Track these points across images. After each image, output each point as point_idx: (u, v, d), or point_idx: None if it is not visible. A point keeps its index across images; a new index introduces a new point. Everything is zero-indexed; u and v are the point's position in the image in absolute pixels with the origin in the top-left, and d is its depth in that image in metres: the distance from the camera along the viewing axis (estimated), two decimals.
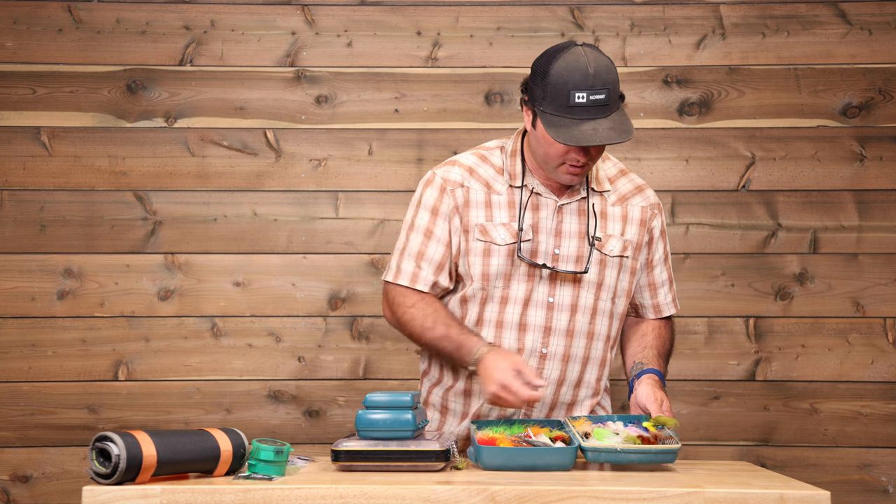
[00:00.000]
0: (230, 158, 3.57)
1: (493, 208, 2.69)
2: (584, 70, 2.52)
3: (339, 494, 2.15)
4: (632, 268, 2.75)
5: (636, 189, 2.78)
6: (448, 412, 2.77)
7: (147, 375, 3.53)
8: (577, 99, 2.52)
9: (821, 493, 2.17)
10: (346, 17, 3.59)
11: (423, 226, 2.71)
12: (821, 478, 3.49)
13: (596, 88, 2.52)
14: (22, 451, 3.52)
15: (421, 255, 2.70)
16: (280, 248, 3.56)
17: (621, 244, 2.71)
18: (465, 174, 2.72)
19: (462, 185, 2.71)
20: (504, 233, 2.67)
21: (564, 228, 2.68)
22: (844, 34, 3.58)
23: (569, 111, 2.53)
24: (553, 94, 2.54)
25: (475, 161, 2.74)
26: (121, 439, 2.15)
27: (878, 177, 3.56)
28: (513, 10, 3.59)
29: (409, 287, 2.70)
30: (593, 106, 2.52)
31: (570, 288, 2.67)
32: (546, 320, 2.67)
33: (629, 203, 2.75)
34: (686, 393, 3.54)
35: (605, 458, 2.42)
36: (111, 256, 3.54)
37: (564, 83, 2.52)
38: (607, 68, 2.55)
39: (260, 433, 3.47)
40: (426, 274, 2.69)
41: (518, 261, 2.66)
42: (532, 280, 2.67)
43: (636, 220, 2.75)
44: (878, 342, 3.54)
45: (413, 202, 2.76)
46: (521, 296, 2.67)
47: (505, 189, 2.70)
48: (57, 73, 3.56)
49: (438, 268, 2.70)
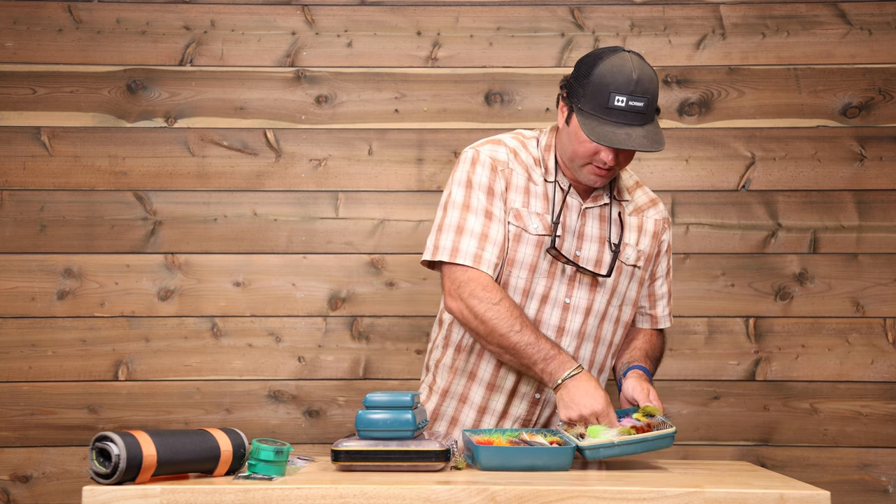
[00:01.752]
0: (230, 158, 3.57)
1: (531, 196, 2.67)
2: (629, 75, 2.53)
3: (339, 494, 2.15)
4: (641, 278, 2.77)
5: (651, 202, 2.82)
6: (466, 403, 2.75)
7: (147, 375, 3.53)
8: (616, 102, 2.52)
9: (821, 493, 2.17)
10: (346, 17, 3.59)
11: (481, 206, 2.62)
12: (821, 478, 3.49)
13: (637, 95, 2.53)
14: (22, 451, 3.52)
15: (484, 237, 2.61)
16: (280, 248, 3.56)
17: (636, 254, 2.74)
18: (511, 156, 2.69)
19: (508, 166, 2.68)
20: (537, 222, 2.66)
21: (587, 231, 2.69)
22: (844, 34, 3.58)
23: (606, 112, 2.53)
24: (593, 94, 2.54)
25: (517, 145, 2.72)
26: (121, 439, 2.15)
27: (878, 177, 3.56)
28: (513, 10, 3.59)
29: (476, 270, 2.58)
30: (631, 112, 2.53)
31: (587, 291, 2.68)
32: (560, 320, 2.67)
33: (645, 215, 2.77)
34: (686, 393, 3.55)
35: (603, 454, 2.42)
36: (111, 256, 3.54)
37: (607, 84, 2.53)
38: (651, 78, 2.56)
39: (260, 433, 3.47)
40: (490, 256, 2.60)
41: (543, 255, 2.65)
42: (552, 278, 2.67)
43: (650, 232, 2.77)
44: (878, 342, 3.54)
45: (458, 181, 2.66)
46: (539, 291, 2.67)
47: (541, 180, 2.69)
48: (57, 73, 3.56)
49: (502, 250, 2.63)
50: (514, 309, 2.57)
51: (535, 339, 2.54)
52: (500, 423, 2.73)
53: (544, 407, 2.72)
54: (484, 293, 2.57)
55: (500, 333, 2.56)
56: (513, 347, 2.56)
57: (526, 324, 2.56)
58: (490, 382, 2.72)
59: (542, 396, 2.71)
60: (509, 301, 2.58)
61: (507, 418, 2.73)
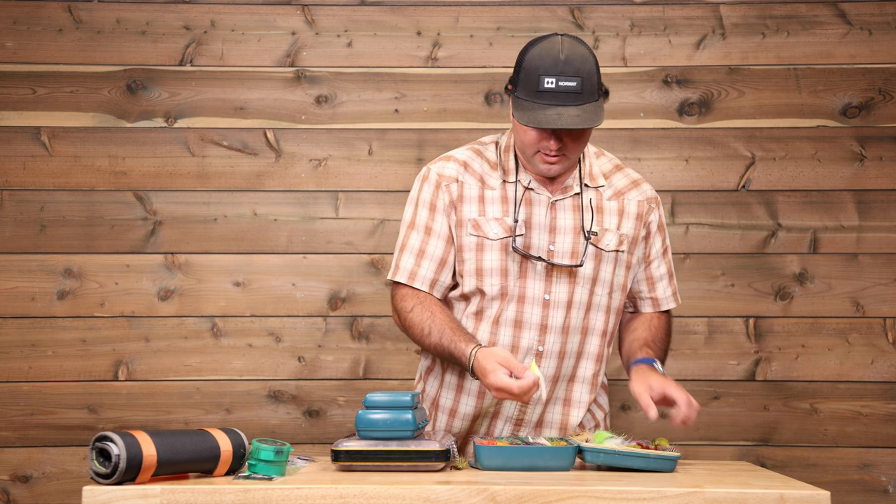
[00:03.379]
0: (230, 158, 3.57)
1: (487, 203, 2.69)
2: (556, 56, 2.53)
3: (339, 494, 2.15)
4: (627, 262, 2.74)
5: (632, 183, 2.78)
6: (457, 415, 2.76)
7: (147, 375, 3.54)
8: (546, 84, 2.53)
9: (821, 493, 2.17)
10: (346, 17, 3.59)
11: (423, 223, 2.71)
12: (821, 478, 3.49)
13: (567, 75, 2.52)
14: (22, 451, 3.52)
15: (422, 253, 2.70)
16: (280, 248, 3.56)
17: (617, 238, 2.70)
18: (460, 169, 2.72)
19: (457, 181, 2.71)
20: (497, 227, 2.66)
21: (559, 224, 2.67)
22: (844, 34, 3.58)
23: (538, 96, 2.53)
24: (526, 80, 2.55)
25: (470, 156, 2.74)
26: (121, 439, 2.15)
27: (878, 177, 3.56)
28: (513, 10, 3.59)
29: (409, 286, 2.69)
30: (563, 92, 2.52)
31: (566, 284, 2.67)
32: (542, 318, 2.66)
33: (625, 197, 2.74)
34: None
35: (603, 460, 2.42)
36: (111, 256, 3.54)
37: (536, 68, 2.54)
38: (583, 58, 2.55)
39: (260, 433, 3.47)
40: (425, 272, 2.69)
41: (512, 257, 2.65)
42: (526, 277, 2.66)
43: (633, 215, 2.74)
44: (878, 342, 3.54)
45: (410, 199, 2.76)
46: (516, 293, 2.66)
47: (499, 184, 2.70)
48: (57, 73, 3.56)
49: (440, 265, 2.69)
50: (425, 313, 2.65)
51: (439, 341, 2.62)
52: (493, 423, 2.73)
53: (536, 405, 2.72)
54: (402, 304, 2.69)
55: (417, 339, 2.67)
56: (431, 349, 2.66)
57: (435, 327, 2.62)
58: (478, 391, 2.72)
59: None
60: (422, 307, 2.66)
61: (498, 418, 2.73)
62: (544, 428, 2.73)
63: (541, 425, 2.73)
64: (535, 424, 2.73)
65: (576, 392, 2.74)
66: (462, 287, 2.70)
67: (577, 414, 2.74)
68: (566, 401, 2.74)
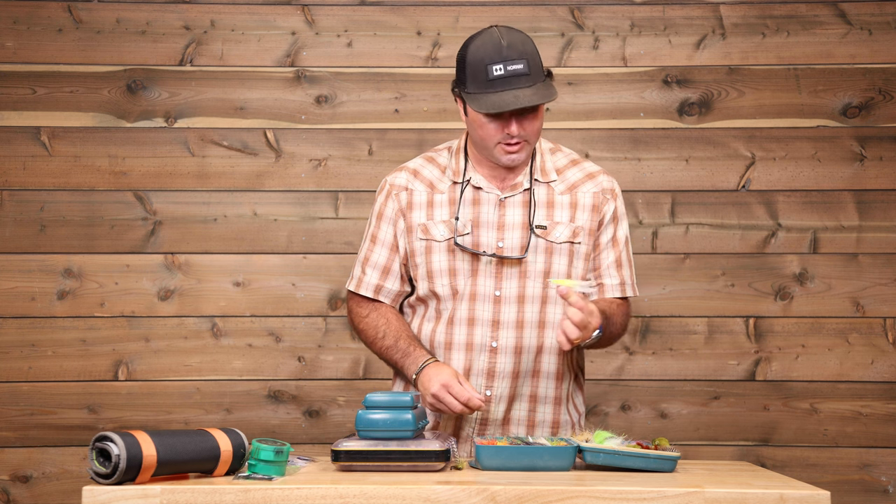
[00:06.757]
0: (230, 158, 3.57)
1: (435, 207, 2.74)
2: (498, 44, 2.60)
3: (339, 494, 2.15)
4: (586, 253, 2.75)
5: (587, 176, 2.79)
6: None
7: (147, 375, 3.54)
8: (495, 72, 2.58)
9: (821, 493, 2.17)
10: (346, 17, 3.59)
11: (371, 232, 2.81)
12: (821, 478, 3.49)
13: (512, 59, 2.59)
14: (22, 451, 3.52)
15: (367, 261, 2.79)
16: (280, 248, 3.56)
17: (570, 231, 2.71)
18: (410, 177, 2.78)
19: (406, 189, 2.77)
20: (444, 228, 2.71)
21: (507, 221, 2.71)
22: (844, 34, 3.58)
23: (490, 85, 2.59)
24: (473, 74, 2.60)
25: (421, 163, 2.81)
26: (121, 439, 2.15)
27: (878, 177, 3.56)
28: (513, 10, 3.59)
29: (356, 293, 2.79)
30: (514, 76, 2.58)
31: (517, 279, 2.69)
32: (493, 314, 2.69)
33: (579, 190, 2.76)
34: (686, 393, 3.55)
35: (603, 460, 2.42)
36: (111, 256, 3.54)
37: (481, 59, 2.59)
38: (523, 41, 2.62)
39: (260, 433, 3.47)
40: (369, 279, 2.77)
41: (461, 256, 2.69)
42: (476, 275, 2.70)
43: (588, 207, 2.75)
44: (878, 342, 3.54)
45: (371, 212, 2.85)
46: (467, 291, 2.69)
47: (447, 187, 2.75)
48: (57, 73, 3.56)
49: (384, 272, 2.77)
50: (380, 319, 2.76)
51: (395, 343, 2.72)
52: (458, 424, 2.72)
53: (498, 403, 2.71)
54: (357, 309, 2.80)
55: (369, 342, 2.78)
56: (380, 353, 2.76)
57: (389, 331, 2.73)
58: None
59: (492, 394, 2.71)
60: (377, 313, 2.77)
61: (463, 419, 2.72)
62: (511, 426, 2.72)
63: (507, 423, 2.72)
64: (502, 422, 2.72)
65: (541, 388, 2.73)
66: (417, 291, 2.75)
67: (545, 410, 2.74)
68: (532, 397, 2.73)
